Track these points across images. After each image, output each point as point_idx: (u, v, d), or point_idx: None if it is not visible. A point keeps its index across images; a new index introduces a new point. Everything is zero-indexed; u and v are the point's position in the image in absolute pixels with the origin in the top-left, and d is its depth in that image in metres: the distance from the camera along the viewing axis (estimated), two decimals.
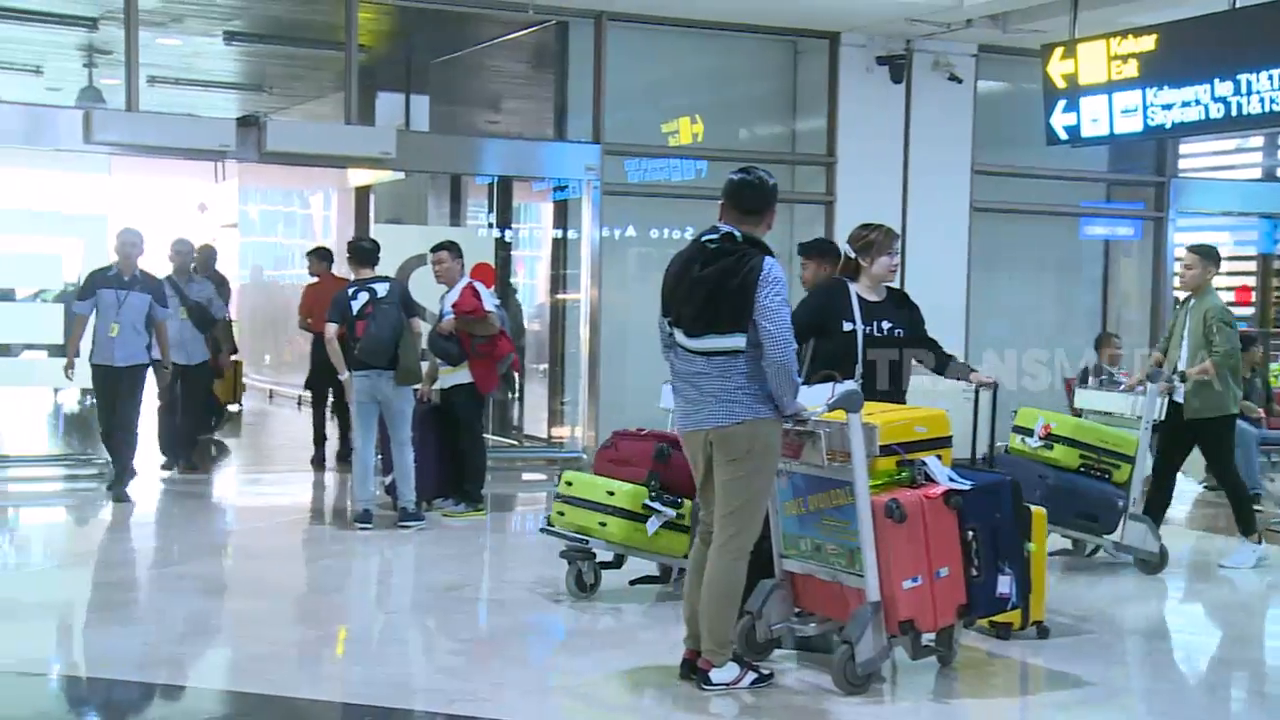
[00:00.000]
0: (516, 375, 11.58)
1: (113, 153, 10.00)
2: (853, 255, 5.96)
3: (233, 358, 13.05)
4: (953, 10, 10.47)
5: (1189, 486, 10.59)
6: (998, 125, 12.06)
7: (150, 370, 9.27)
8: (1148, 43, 9.04)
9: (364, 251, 8.46)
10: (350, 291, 8.28)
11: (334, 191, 16.11)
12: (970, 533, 5.13)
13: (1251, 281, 14.31)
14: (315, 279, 11.20)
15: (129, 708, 5.09)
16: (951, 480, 5.17)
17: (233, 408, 15.16)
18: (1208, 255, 7.76)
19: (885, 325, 5.84)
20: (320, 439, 10.88)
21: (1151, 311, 13.05)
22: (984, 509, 5.19)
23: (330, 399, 10.89)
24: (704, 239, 5.03)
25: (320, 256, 11.34)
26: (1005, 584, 5.23)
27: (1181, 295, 8.13)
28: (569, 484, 6.53)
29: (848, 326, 5.80)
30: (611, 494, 6.28)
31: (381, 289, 8.23)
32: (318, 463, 10.84)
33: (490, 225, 13.22)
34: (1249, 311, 13.99)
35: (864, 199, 11.11)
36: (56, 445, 12.64)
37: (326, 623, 6.25)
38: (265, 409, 16.23)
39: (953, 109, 11.67)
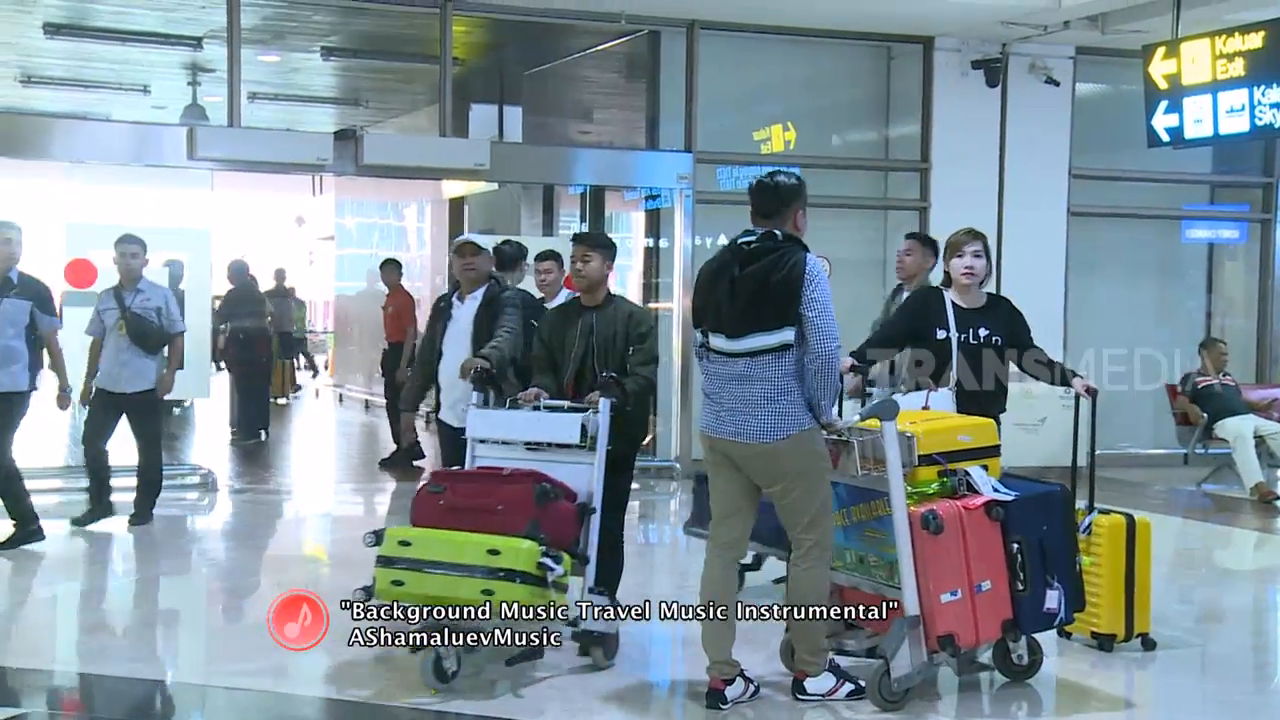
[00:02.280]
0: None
1: (215, 168, 10.22)
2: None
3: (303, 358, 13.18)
4: (1050, 12, 10.31)
5: None
6: (1096, 128, 11.86)
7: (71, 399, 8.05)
8: (1255, 40, 8.81)
9: (502, 257, 7.92)
10: None
11: (428, 203, 16.31)
12: (1015, 545, 4.99)
13: None
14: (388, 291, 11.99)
15: (231, 714, 5.19)
16: (995, 491, 5.03)
17: (280, 401, 15.60)
18: (925, 242, 7.19)
19: (981, 332, 5.75)
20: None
21: (1259, 316, 12.70)
22: (1030, 521, 5.04)
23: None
24: (740, 241, 4.99)
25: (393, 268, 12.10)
26: (1054, 599, 5.06)
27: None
28: (405, 544, 5.02)
29: (941, 334, 5.73)
30: (496, 553, 4.88)
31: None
32: (388, 464, 11.27)
33: None
34: None
35: (959, 204, 10.96)
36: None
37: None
38: (361, 420, 16.45)
39: (1050, 112, 11.50)
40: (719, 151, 11.25)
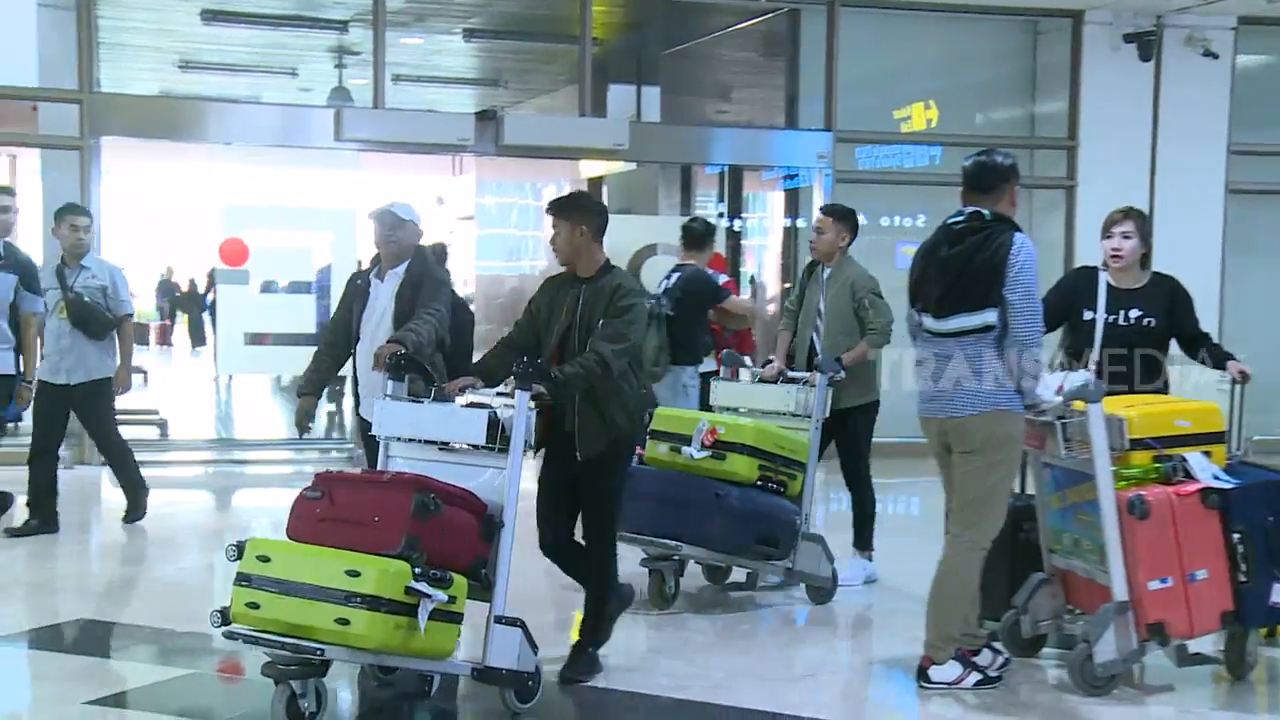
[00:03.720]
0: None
1: (360, 149, 10.45)
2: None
3: None
4: None
5: None
6: (1259, 101, 11.42)
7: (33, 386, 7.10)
8: None
9: (688, 234, 7.46)
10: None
11: (567, 183, 16.41)
12: (1236, 535, 4.84)
13: None
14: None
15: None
16: (1216, 478, 4.88)
17: None
18: (843, 217, 6.50)
19: (1133, 314, 5.57)
20: None
21: None
22: (1254, 510, 4.88)
23: None
24: (949, 221, 4.98)
25: None
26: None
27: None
28: (264, 559, 4.18)
29: (1087, 315, 5.60)
30: (356, 574, 4.06)
31: (672, 280, 7.26)
32: None
33: (720, 215, 13.24)
34: None
35: (1107, 183, 10.66)
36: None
37: (564, 606, 6.29)
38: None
39: (1207, 86, 11.09)
40: (859, 130, 11.11)
